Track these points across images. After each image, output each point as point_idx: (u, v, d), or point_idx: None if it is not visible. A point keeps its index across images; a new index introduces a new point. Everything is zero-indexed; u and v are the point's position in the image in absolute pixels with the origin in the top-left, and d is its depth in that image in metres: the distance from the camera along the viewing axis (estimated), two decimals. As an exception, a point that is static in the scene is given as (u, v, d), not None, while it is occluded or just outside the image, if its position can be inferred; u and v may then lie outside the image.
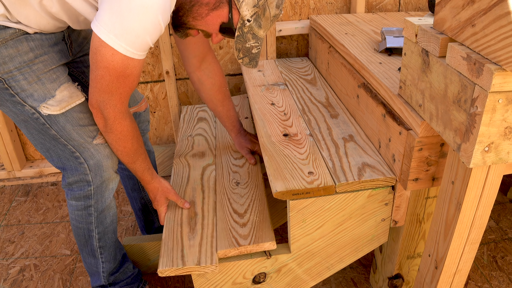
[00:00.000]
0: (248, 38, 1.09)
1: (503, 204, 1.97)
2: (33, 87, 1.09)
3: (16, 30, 1.06)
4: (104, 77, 1.02)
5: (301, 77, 1.84)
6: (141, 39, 0.98)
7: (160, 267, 1.14)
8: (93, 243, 1.32)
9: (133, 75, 1.05)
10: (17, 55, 1.06)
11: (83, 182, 1.22)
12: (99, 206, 1.26)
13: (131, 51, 0.99)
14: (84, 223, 1.28)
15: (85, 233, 1.30)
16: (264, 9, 1.06)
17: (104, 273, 1.38)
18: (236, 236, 1.21)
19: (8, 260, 1.77)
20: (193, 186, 1.44)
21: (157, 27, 0.99)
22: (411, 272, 1.37)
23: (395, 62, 1.37)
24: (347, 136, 1.36)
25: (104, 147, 1.21)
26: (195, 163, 1.57)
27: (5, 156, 2.16)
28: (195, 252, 1.17)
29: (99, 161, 1.20)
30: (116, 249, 1.38)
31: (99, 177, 1.22)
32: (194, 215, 1.32)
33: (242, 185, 1.41)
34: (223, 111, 1.48)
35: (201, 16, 1.07)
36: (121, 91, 1.06)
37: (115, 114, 1.09)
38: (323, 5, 2.07)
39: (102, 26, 0.96)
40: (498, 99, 0.77)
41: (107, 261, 1.37)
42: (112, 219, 1.33)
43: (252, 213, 1.29)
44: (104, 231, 1.31)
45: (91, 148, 1.18)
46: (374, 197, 1.18)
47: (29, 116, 1.13)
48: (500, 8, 0.72)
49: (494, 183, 0.93)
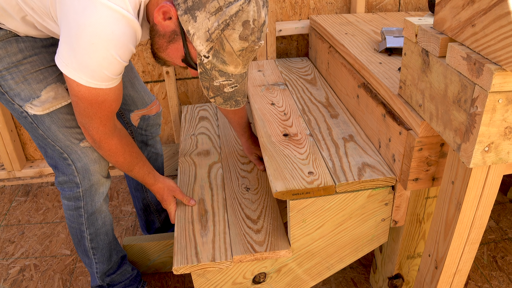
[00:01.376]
0: (214, 75, 0.99)
1: (503, 204, 1.97)
2: (20, 87, 1.11)
3: (7, 32, 1.07)
4: (79, 104, 1.02)
5: (301, 77, 1.84)
6: (98, 73, 0.95)
7: (175, 265, 1.14)
8: (86, 243, 1.32)
9: (108, 101, 1.03)
10: (5, 56, 1.08)
11: (72, 183, 1.22)
12: (89, 209, 1.27)
13: (94, 82, 0.97)
14: (75, 223, 1.29)
15: (77, 233, 1.31)
16: (222, 43, 0.94)
17: (98, 274, 1.39)
18: (251, 242, 1.21)
19: (8, 260, 1.77)
20: (200, 184, 1.46)
21: (112, 61, 0.95)
22: (411, 272, 1.37)
23: (395, 62, 1.37)
24: (347, 136, 1.36)
25: (92, 151, 1.20)
26: (200, 161, 1.58)
27: (5, 156, 2.16)
28: (209, 248, 1.19)
29: (86, 165, 1.20)
30: (111, 251, 1.38)
31: (87, 180, 1.22)
32: (204, 212, 1.33)
33: (252, 191, 1.42)
34: (234, 117, 1.45)
35: (162, 48, 1.03)
36: (100, 115, 1.05)
37: (99, 135, 1.10)
38: (323, 5, 2.07)
39: (61, 59, 0.95)
40: (498, 99, 0.77)
41: (101, 262, 1.37)
42: (104, 221, 1.32)
43: (265, 220, 1.29)
44: (95, 232, 1.31)
45: (78, 151, 1.19)
46: (374, 197, 1.18)
47: (19, 114, 1.15)
48: (500, 8, 0.72)
49: (494, 183, 0.93)
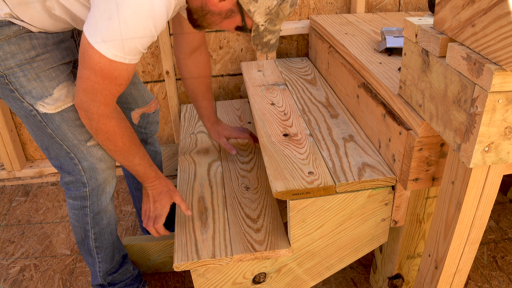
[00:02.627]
0: (264, 35, 1.12)
1: (503, 204, 1.97)
2: (32, 84, 1.09)
3: (21, 27, 1.06)
4: (90, 77, 1.00)
5: (301, 77, 1.84)
6: (129, 45, 0.96)
7: (175, 261, 1.15)
8: (90, 242, 1.32)
9: (121, 78, 1.02)
10: (18, 52, 1.06)
11: (79, 183, 1.22)
12: (95, 208, 1.26)
13: (120, 55, 0.97)
14: (80, 222, 1.29)
15: (81, 232, 1.31)
16: (277, 14, 1.08)
17: (101, 273, 1.39)
18: (251, 241, 1.21)
19: (8, 260, 1.77)
20: (200, 182, 1.46)
21: (148, 33, 0.97)
22: (411, 272, 1.37)
23: (395, 62, 1.37)
24: (347, 136, 1.36)
25: (97, 150, 1.20)
26: (200, 159, 1.59)
27: (5, 156, 2.16)
28: (209, 245, 1.20)
29: (93, 164, 1.20)
30: (114, 250, 1.38)
31: (94, 179, 1.22)
32: (204, 210, 1.33)
33: (252, 190, 1.42)
34: (202, 102, 1.48)
35: (215, 23, 1.11)
36: (106, 93, 1.03)
37: (99, 115, 1.07)
38: (323, 5, 2.07)
39: (91, 29, 0.95)
40: (498, 99, 0.77)
41: (104, 261, 1.37)
42: (109, 221, 1.32)
43: (265, 219, 1.29)
44: (100, 232, 1.31)
45: (84, 150, 1.18)
46: (374, 197, 1.18)
47: (28, 113, 1.13)
48: (500, 8, 0.72)
49: (494, 183, 0.93)
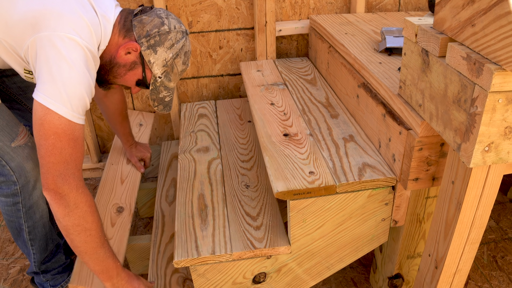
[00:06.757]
0: (160, 90, 1.28)
1: (503, 204, 1.97)
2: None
3: None
4: (56, 144, 1.02)
5: (301, 77, 1.84)
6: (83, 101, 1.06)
7: (176, 258, 1.16)
8: (24, 235, 1.39)
9: (80, 139, 1.07)
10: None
11: (10, 182, 1.27)
12: (27, 203, 1.32)
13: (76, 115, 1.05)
14: (14, 217, 1.35)
15: (16, 226, 1.37)
16: (172, 67, 1.25)
17: (36, 262, 1.46)
18: (251, 238, 1.22)
19: (8, 260, 1.77)
20: (200, 180, 1.47)
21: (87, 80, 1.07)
22: (411, 272, 1.37)
23: (395, 62, 1.37)
24: (347, 136, 1.36)
25: (23, 149, 1.26)
26: (200, 157, 1.59)
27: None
28: (209, 242, 1.20)
29: (20, 163, 1.25)
30: (47, 241, 1.44)
31: (24, 177, 1.27)
32: (204, 207, 1.34)
33: (252, 188, 1.42)
34: (121, 129, 1.66)
35: (120, 75, 1.24)
36: (75, 157, 1.05)
37: (77, 184, 1.05)
38: (323, 5, 2.07)
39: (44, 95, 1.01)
40: (498, 99, 0.77)
41: (38, 252, 1.44)
42: (42, 214, 1.38)
43: (265, 216, 1.30)
44: (33, 225, 1.38)
45: (10, 151, 1.24)
46: (374, 197, 1.18)
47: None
48: (500, 8, 0.72)
49: (494, 183, 0.93)
